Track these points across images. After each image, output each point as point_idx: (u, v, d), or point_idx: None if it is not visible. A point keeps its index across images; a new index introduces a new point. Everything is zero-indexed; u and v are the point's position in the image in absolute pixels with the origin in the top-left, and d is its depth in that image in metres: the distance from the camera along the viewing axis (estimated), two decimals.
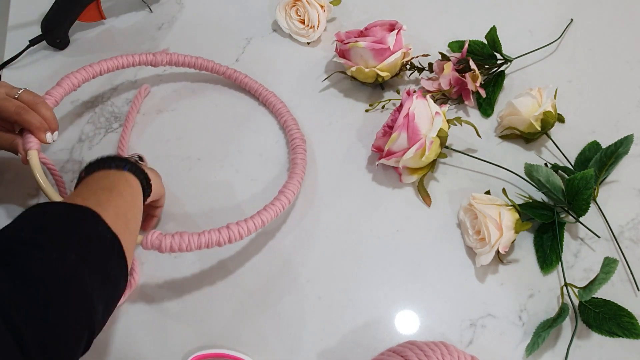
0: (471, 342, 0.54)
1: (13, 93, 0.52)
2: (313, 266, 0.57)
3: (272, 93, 0.67)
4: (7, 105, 0.50)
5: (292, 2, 0.71)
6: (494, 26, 0.66)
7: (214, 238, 0.49)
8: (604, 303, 0.52)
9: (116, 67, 0.61)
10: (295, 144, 0.62)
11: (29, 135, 0.51)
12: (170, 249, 0.48)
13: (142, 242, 0.48)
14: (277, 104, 0.66)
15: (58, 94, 0.55)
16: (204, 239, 0.49)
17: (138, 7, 0.76)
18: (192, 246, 0.48)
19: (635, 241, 0.59)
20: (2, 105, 0.50)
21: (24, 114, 0.50)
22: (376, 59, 0.63)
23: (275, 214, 0.54)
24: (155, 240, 0.48)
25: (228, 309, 0.55)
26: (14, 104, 0.50)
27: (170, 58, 0.65)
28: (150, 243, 0.48)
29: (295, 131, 0.63)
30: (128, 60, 0.62)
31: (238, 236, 0.50)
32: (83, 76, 0.58)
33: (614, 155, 0.60)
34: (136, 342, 0.53)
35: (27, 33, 0.70)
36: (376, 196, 0.62)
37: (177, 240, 0.48)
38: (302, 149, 0.61)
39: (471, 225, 0.57)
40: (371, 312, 0.55)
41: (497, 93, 0.67)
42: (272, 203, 0.54)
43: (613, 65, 0.71)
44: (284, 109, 0.65)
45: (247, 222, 0.51)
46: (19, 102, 0.51)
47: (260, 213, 0.53)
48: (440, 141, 0.59)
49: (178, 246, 0.48)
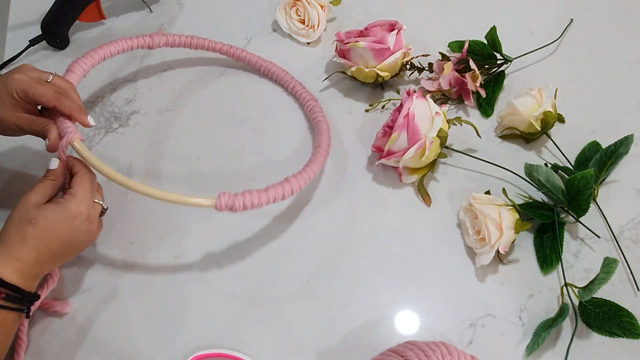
0: (471, 342, 0.54)
1: (45, 77, 0.50)
2: (313, 266, 0.57)
3: (272, 63, 0.69)
4: (46, 90, 0.49)
5: (292, 2, 0.71)
6: (494, 26, 0.66)
7: (279, 192, 0.52)
8: (604, 303, 0.52)
9: (117, 51, 0.61)
10: (310, 105, 0.65)
11: (67, 124, 0.50)
12: (243, 207, 0.50)
13: (216, 204, 0.49)
14: (280, 73, 0.68)
15: (74, 80, 0.55)
16: (271, 193, 0.51)
17: (138, 7, 0.76)
18: (263, 201, 0.50)
19: (635, 241, 0.59)
20: (40, 90, 0.49)
21: (64, 99, 0.49)
22: (376, 59, 0.63)
23: (321, 164, 0.58)
24: (227, 200, 0.49)
25: (228, 309, 0.55)
26: (52, 89, 0.49)
27: (167, 39, 0.65)
28: (225, 203, 0.49)
29: (306, 93, 0.66)
30: (127, 44, 0.62)
31: (298, 188, 0.53)
32: (90, 61, 0.58)
33: (614, 155, 0.60)
34: (136, 342, 0.53)
35: (27, 33, 0.70)
36: (376, 196, 0.62)
37: (248, 198, 0.50)
38: (319, 108, 0.64)
39: (471, 225, 0.57)
40: (371, 312, 0.55)
41: (497, 93, 0.67)
42: (314, 156, 0.58)
43: (613, 65, 0.71)
44: (287, 76, 0.68)
45: (302, 174, 0.54)
46: (55, 86, 0.50)
47: (309, 165, 0.56)
48: (440, 141, 0.59)
49: (251, 203, 0.50)
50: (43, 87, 0.49)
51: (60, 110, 0.49)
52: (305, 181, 0.54)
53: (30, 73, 0.50)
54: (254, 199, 0.50)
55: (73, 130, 0.49)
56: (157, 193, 0.48)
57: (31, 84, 0.49)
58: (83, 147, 0.49)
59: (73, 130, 0.49)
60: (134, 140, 0.65)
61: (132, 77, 0.70)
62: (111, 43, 0.60)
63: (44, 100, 0.49)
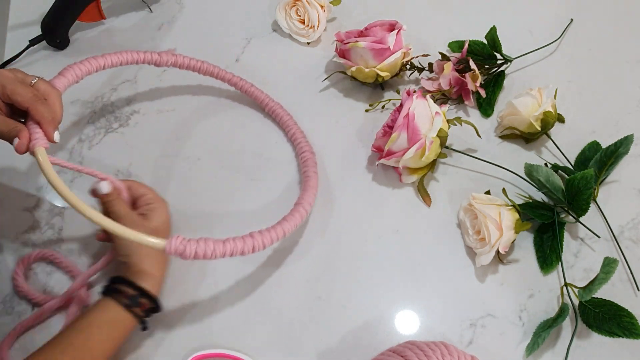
0: (471, 342, 0.54)
1: (28, 80, 0.49)
2: (313, 266, 0.57)
3: (279, 104, 0.66)
4: (24, 92, 0.47)
5: (292, 2, 0.71)
6: (494, 26, 0.66)
7: (239, 247, 0.47)
8: (604, 303, 0.52)
9: (120, 63, 0.59)
10: (306, 157, 0.61)
11: (37, 130, 0.47)
12: (194, 256, 0.45)
13: (166, 247, 0.44)
14: (284, 117, 0.65)
15: (62, 85, 0.52)
16: (229, 247, 0.46)
17: (138, 7, 0.76)
18: (217, 253, 0.46)
19: (635, 241, 0.59)
20: (17, 89, 0.47)
21: (39, 104, 0.47)
22: (376, 59, 0.63)
23: (295, 225, 0.52)
24: (179, 245, 0.45)
25: (228, 309, 0.55)
26: (31, 91, 0.47)
27: (176, 60, 0.63)
28: (175, 248, 0.44)
29: (304, 144, 0.63)
30: (133, 57, 0.60)
31: (261, 246, 0.48)
32: (87, 68, 0.55)
33: (614, 155, 0.60)
34: (136, 342, 0.53)
35: (27, 33, 0.70)
36: (376, 196, 0.62)
37: (202, 247, 0.45)
38: (313, 162, 0.61)
39: (471, 225, 0.57)
40: (371, 312, 0.55)
41: (497, 93, 0.67)
42: (290, 214, 0.53)
43: (613, 65, 0.71)
44: (291, 121, 0.65)
45: (270, 232, 0.50)
46: (35, 90, 0.48)
47: (281, 223, 0.51)
48: (440, 141, 0.59)
49: (203, 253, 0.45)
50: (23, 87, 0.47)
51: (32, 114, 0.47)
52: (271, 240, 0.49)
53: (16, 73, 0.49)
54: (208, 249, 0.45)
55: (41, 137, 0.47)
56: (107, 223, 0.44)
57: (12, 80, 0.47)
58: (45, 158, 0.47)
59: (41, 137, 0.47)
60: (134, 140, 0.65)
61: (132, 77, 0.70)
62: (116, 54, 0.58)
63: (19, 99, 0.47)
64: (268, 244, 0.49)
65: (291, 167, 0.64)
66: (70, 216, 0.60)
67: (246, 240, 0.48)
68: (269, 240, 0.49)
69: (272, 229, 0.50)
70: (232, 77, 0.66)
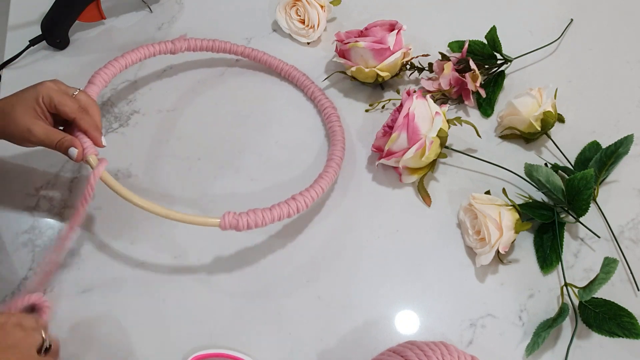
0: (471, 342, 0.54)
1: (70, 92, 0.52)
2: (313, 266, 0.57)
3: (294, 67, 0.68)
4: (70, 103, 0.51)
5: (292, 2, 0.71)
6: (494, 26, 0.66)
7: (284, 211, 0.51)
8: (604, 303, 0.52)
9: (139, 59, 0.62)
10: (329, 112, 0.64)
11: (85, 138, 0.51)
12: (247, 226, 0.50)
13: (220, 224, 0.49)
14: (300, 77, 0.68)
15: (94, 93, 0.56)
16: (276, 212, 0.51)
17: (138, 7, 0.76)
18: (267, 220, 0.51)
19: (635, 241, 0.59)
20: (65, 100, 0.50)
21: (85, 115, 0.51)
22: (376, 59, 0.63)
23: (331, 180, 0.57)
24: (232, 220, 0.50)
25: (228, 309, 0.55)
26: (76, 102, 0.51)
27: (189, 44, 0.66)
28: (229, 223, 0.49)
29: (325, 100, 0.66)
30: (149, 50, 0.63)
31: (304, 205, 0.53)
32: (112, 71, 0.59)
33: (614, 155, 0.60)
34: (136, 342, 0.53)
35: (27, 33, 0.70)
36: (376, 196, 0.62)
37: (252, 217, 0.50)
38: (336, 116, 0.64)
39: (471, 225, 0.57)
40: (371, 312, 0.55)
41: (497, 93, 0.67)
42: (325, 171, 0.57)
43: (613, 65, 0.71)
44: (307, 81, 0.67)
45: (309, 191, 0.54)
46: (79, 101, 0.51)
47: (318, 181, 0.56)
48: (440, 141, 0.59)
49: (255, 222, 0.50)
50: (69, 98, 0.51)
51: (79, 124, 0.51)
52: (312, 198, 0.54)
53: (59, 85, 0.52)
54: (258, 218, 0.50)
55: (92, 146, 0.51)
56: (164, 211, 0.49)
57: (59, 92, 0.51)
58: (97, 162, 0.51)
59: (92, 146, 0.51)
60: (134, 140, 0.65)
61: (132, 77, 0.70)
62: (133, 51, 0.61)
63: (67, 111, 0.50)
64: (310, 203, 0.54)
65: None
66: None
67: (290, 203, 0.52)
68: (310, 199, 0.54)
69: (311, 188, 0.55)
70: (244, 49, 0.69)
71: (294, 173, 0.63)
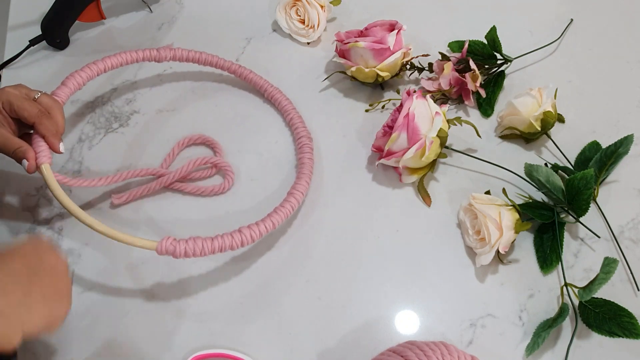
0: (471, 342, 0.54)
1: (32, 95, 0.51)
2: (313, 266, 0.57)
3: (278, 90, 0.66)
4: (30, 107, 0.50)
5: (292, 2, 0.71)
6: (494, 26, 0.66)
7: (227, 242, 0.49)
8: (604, 303, 0.52)
9: (120, 64, 0.61)
10: (302, 142, 0.62)
11: (42, 146, 0.50)
12: (184, 255, 0.48)
13: (157, 248, 0.48)
14: (282, 101, 0.65)
15: (64, 95, 0.55)
16: (217, 243, 0.49)
17: (138, 7, 0.76)
18: (206, 251, 0.48)
19: (635, 241, 0.59)
20: (23, 105, 0.49)
21: (45, 119, 0.50)
22: (376, 59, 0.63)
23: (286, 216, 0.54)
24: (169, 246, 0.48)
25: (228, 309, 0.55)
26: (36, 107, 0.50)
27: (174, 53, 0.65)
28: (165, 249, 0.48)
29: (302, 129, 0.63)
30: (132, 57, 0.61)
31: (250, 240, 0.51)
32: (88, 74, 0.57)
33: (614, 155, 0.60)
34: (137, 342, 0.53)
35: (27, 33, 0.70)
36: (376, 196, 0.62)
37: (191, 246, 0.48)
38: (309, 148, 0.61)
39: (471, 225, 0.57)
40: (371, 312, 0.55)
41: (497, 93, 0.67)
42: (281, 205, 0.54)
43: (613, 65, 0.71)
44: (289, 106, 0.65)
45: (259, 225, 0.51)
46: (39, 105, 0.50)
47: (271, 216, 0.53)
48: (440, 141, 0.59)
49: (192, 251, 0.48)
50: (29, 103, 0.50)
51: (37, 129, 0.50)
52: (260, 233, 0.51)
53: (20, 89, 0.51)
54: (197, 247, 0.48)
55: (46, 155, 0.50)
56: (103, 228, 0.47)
57: (18, 97, 0.50)
58: (49, 172, 0.50)
59: (46, 155, 0.50)
60: (134, 140, 0.65)
61: (132, 77, 0.70)
62: (115, 55, 0.60)
63: (26, 115, 0.49)
64: (257, 238, 0.51)
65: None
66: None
67: (234, 235, 0.50)
68: (258, 233, 0.51)
69: (262, 222, 0.52)
70: (230, 64, 0.67)
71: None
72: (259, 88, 0.67)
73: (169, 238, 0.48)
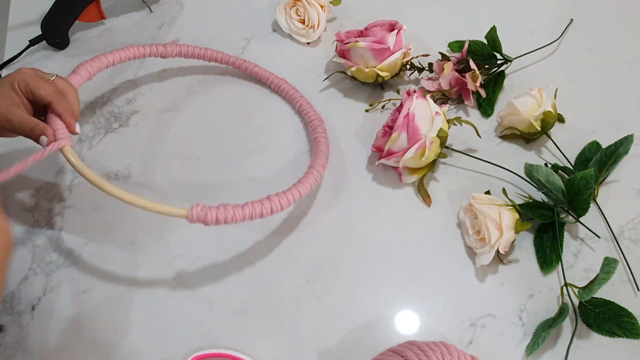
0: (471, 342, 0.54)
1: (47, 77, 0.51)
2: (313, 266, 0.57)
3: (284, 80, 0.68)
4: (46, 86, 0.50)
5: (292, 2, 0.71)
6: (494, 26, 0.66)
7: (257, 209, 0.49)
8: (604, 303, 0.52)
9: (128, 58, 0.61)
10: (315, 124, 0.63)
11: (60, 124, 0.49)
12: (216, 221, 0.48)
13: (188, 215, 0.47)
14: (289, 90, 0.67)
15: (76, 82, 0.55)
16: (247, 210, 0.49)
17: (138, 7, 0.76)
18: (237, 217, 0.48)
19: (635, 241, 0.59)
20: (39, 83, 0.49)
21: (61, 98, 0.50)
22: (376, 59, 0.63)
23: (311, 186, 0.55)
24: (200, 212, 0.47)
25: (228, 309, 0.55)
26: (52, 86, 0.50)
27: (180, 49, 0.66)
28: (196, 216, 0.47)
29: (312, 113, 0.65)
30: (139, 51, 0.62)
31: (279, 207, 0.51)
32: (98, 65, 0.58)
33: (614, 155, 0.60)
34: (136, 342, 0.53)
35: (27, 33, 0.70)
36: (376, 196, 0.62)
37: (222, 212, 0.48)
38: (322, 129, 0.63)
39: (471, 225, 0.57)
40: (371, 312, 0.55)
41: (497, 93, 0.67)
42: (305, 177, 0.55)
43: (613, 65, 0.71)
44: (297, 94, 0.67)
45: (286, 193, 0.52)
46: (56, 85, 0.50)
47: (297, 186, 0.54)
48: (440, 141, 0.59)
49: (224, 218, 0.48)
50: (44, 82, 0.50)
51: (54, 107, 0.50)
52: (288, 202, 0.52)
53: (36, 70, 0.51)
54: (228, 213, 0.48)
55: (64, 132, 0.49)
56: (129, 198, 0.47)
57: (34, 76, 0.50)
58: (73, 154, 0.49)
59: (64, 132, 0.49)
60: (134, 140, 0.65)
61: (132, 77, 0.70)
62: (123, 49, 0.61)
63: (42, 94, 0.49)
64: (285, 206, 0.51)
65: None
66: (70, 216, 0.60)
67: (264, 203, 0.50)
68: (286, 201, 0.51)
69: (288, 191, 0.52)
70: (235, 59, 0.68)
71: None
72: (265, 80, 0.68)
73: (198, 205, 0.48)
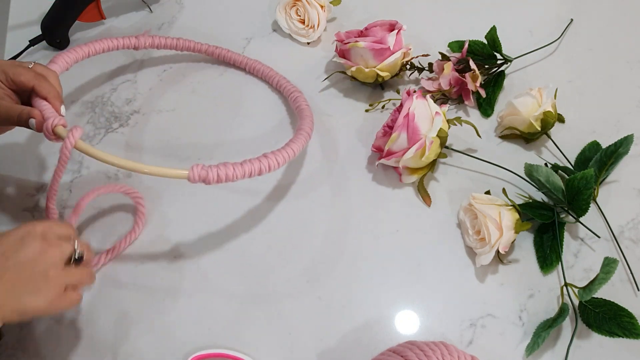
0: (471, 342, 0.54)
1: (25, 65, 0.51)
2: (313, 266, 0.57)
3: (257, 61, 0.69)
4: (26, 72, 0.50)
5: (292, 2, 0.71)
6: (494, 26, 0.66)
7: (255, 167, 0.50)
8: (604, 303, 0.52)
9: (103, 50, 0.62)
10: (294, 96, 0.65)
11: (46, 105, 0.49)
12: (217, 179, 0.48)
13: (189, 176, 0.47)
14: (264, 70, 0.69)
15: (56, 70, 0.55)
16: (247, 167, 0.50)
17: (138, 7, 0.76)
18: (238, 174, 0.49)
19: (635, 241, 0.59)
20: (19, 70, 0.50)
21: (43, 81, 0.50)
22: (376, 59, 0.63)
23: (302, 145, 0.56)
24: (201, 171, 0.48)
25: (228, 309, 0.55)
26: (32, 72, 0.50)
27: (152, 40, 0.67)
28: (198, 175, 0.47)
29: (290, 86, 0.66)
30: (113, 43, 0.63)
31: (276, 164, 0.52)
32: (75, 55, 0.59)
33: (614, 155, 0.60)
34: (136, 342, 0.53)
35: (27, 33, 0.70)
36: (376, 196, 0.62)
37: (222, 171, 0.48)
38: (303, 98, 0.64)
39: (471, 225, 0.57)
40: (371, 312, 0.55)
41: (497, 93, 0.67)
42: (295, 137, 0.57)
43: (613, 65, 0.71)
44: (272, 72, 0.68)
45: (281, 151, 0.53)
46: (35, 71, 0.51)
47: (289, 144, 0.55)
48: (440, 141, 0.59)
49: (225, 176, 0.48)
50: (23, 69, 0.50)
51: (38, 91, 0.49)
52: (284, 159, 0.53)
53: (13, 61, 0.52)
54: (228, 171, 0.49)
55: (51, 112, 0.49)
56: (131, 165, 0.47)
57: (11, 66, 0.50)
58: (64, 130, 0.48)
59: (51, 112, 0.49)
60: (134, 140, 0.65)
61: (132, 77, 0.70)
62: (97, 41, 0.62)
63: (23, 80, 0.49)
64: (282, 163, 0.53)
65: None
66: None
67: (261, 160, 0.51)
68: (282, 158, 0.53)
69: (282, 149, 0.54)
70: (207, 47, 0.70)
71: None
72: (239, 64, 0.70)
73: (198, 165, 0.48)
